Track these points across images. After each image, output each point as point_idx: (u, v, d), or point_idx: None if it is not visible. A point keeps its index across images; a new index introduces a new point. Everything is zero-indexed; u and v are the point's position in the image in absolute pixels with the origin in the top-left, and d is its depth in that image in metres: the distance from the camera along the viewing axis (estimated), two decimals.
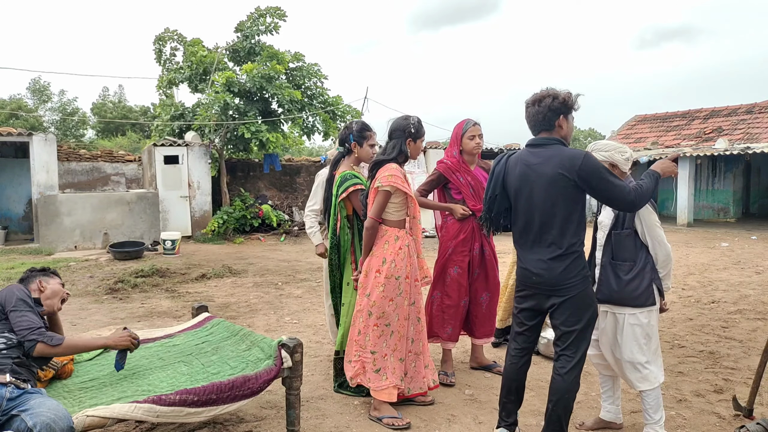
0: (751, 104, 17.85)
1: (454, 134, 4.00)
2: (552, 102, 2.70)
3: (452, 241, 3.94)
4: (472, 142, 3.92)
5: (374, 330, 3.27)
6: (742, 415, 3.32)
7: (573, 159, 2.61)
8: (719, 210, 17.31)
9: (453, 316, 3.94)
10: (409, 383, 3.41)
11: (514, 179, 2.79)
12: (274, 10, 13.72)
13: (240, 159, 15.17)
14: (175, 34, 14.20)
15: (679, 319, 5.64)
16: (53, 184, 11.25)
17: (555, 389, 2.72)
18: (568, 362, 2.71)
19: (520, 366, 2.91)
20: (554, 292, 2.71)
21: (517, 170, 2.78)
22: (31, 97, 30.20)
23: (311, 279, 8.02)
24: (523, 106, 2.85)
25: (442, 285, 3.95)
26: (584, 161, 2.59)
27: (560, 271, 2.68)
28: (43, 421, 2.17)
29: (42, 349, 2.61)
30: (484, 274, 3.99)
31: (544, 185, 2.67)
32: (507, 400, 2.95)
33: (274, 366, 2.88)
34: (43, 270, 3.03)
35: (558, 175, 2.63)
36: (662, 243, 2.90)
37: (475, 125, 3.95)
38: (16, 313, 2.65)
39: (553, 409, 2.73)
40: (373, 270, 3.29)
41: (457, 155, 3.97)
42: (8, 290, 2.75)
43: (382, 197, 3.28)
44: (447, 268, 3.94)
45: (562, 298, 2.69)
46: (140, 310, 6.21)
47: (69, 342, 2.72)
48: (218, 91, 12.64)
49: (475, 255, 3.95)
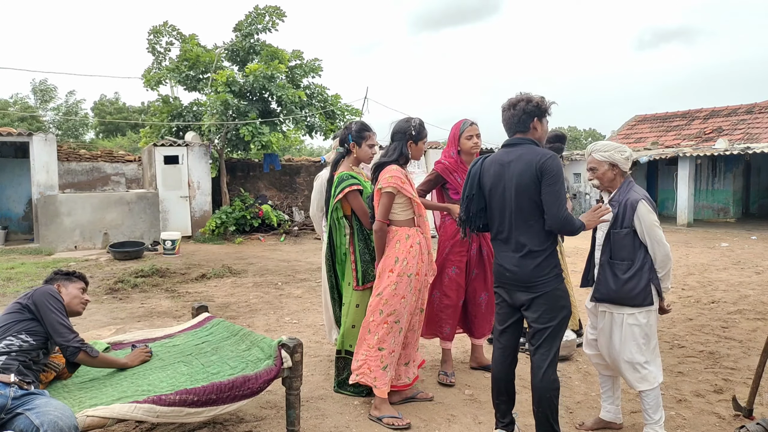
0: (751, 104, 17.85)
1: (452, 134, 4.01)
2: (526, 105, 2.79)
3: (450, 241, 3.95)
4: (469, 142, 3.92)
5: (384, 327, 3.29)
6: (742, 415, 3.32)
7: (538, 155, 2.71)
8: (719, 210, 17.31)
9: (451, 316, 3.96)
10: (407, 373, 3.51)
11: (489, 178, 2.86)
12: (273, 9, 13.71)
13: (240, 159, 15.18)
14: (174, 30, 14.07)
15: (679, 319, 5.64)
16: (53, 184, 11.25)
17: (536, 389, 2.76)
18: (543, 360, 2.74)
19: (507, 365, 2.92)
20: (527, 288, 2.75)
21: (491, 170, 2.85)
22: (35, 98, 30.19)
23: (311, 279, 8.02)
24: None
25: (440, 285, 3.95)
26: (548, 159, 2.68)
27: (532, 268, 2.73)
28: (50, 419, 2.19)
29: (82, 357, 2.74)
30: (483, 274, 3.99)
31: (515, 182, 2.73)
32: (499, 400, 2.96)
33: (274, 366, 2.88)
34: (68, 274, 3.03)
35: (525, 171, 2.70)
36: (661, 243, 2.89)
37: (473, 125, 3.95)
38: (56, 315, 2.70)
39: (538, 409, 2.76)
40: (387, 270, 3.33)
41: (455, 155, 3.98)
42: (41, 291, 2.77)
43: (386, 199, 3.31)
44: (445, 268, 3.94)
45: (535, 295, 2.74)
46: (140, 310, 6.21)
47: (102, 356, 2.87)
48: (219, 90, 12.64)
49: (473, 255, 3.95)
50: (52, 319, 2.68)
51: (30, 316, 2.69)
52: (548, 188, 2.66)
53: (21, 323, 2.66)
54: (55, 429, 2.16)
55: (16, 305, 2.74)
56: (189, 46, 13.65)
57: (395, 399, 3.51)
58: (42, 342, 2.69)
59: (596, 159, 3.03)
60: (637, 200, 2.90)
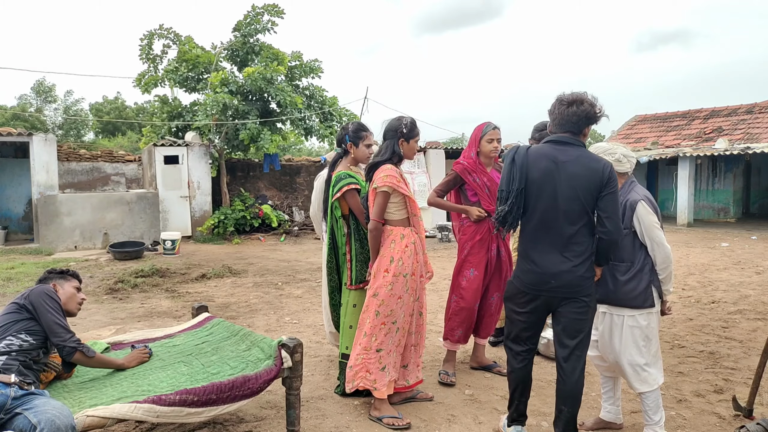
0: (751, 104, 17.84)
1: (473, 136, 4.03)
2: (590, 109, 2.70)
3: (469, 243, 3.94)
4: (490, 146, 3.94)
5: (381, 329, 3.28)
6: (742, 415, 3.32)
7: (602, 162, 2.67)
8: (719, 210, 17.31)
9: (466, 319, 3.95)
10: (408, 375, 3.49)
11: (537, 173, 2.70)
12: (271, 8, 13.69)
13: (240, 159, 15.17)
14: (170, 32, 13.86)
15: (679, 319, 5.63)
16: (53, 184, 11.25)
17: (569, 391, 2.72)
18: (578, 362, 2.72)
19: (529, 369, 2.92)
20: (573, 293, 2.68)
21: (541, 164, 2.70)
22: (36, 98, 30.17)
23: (311, 279, 8.01)
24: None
25: (458, 288, 3.96)
26: (612, 169, 2.67)
27: (581, 273, 2.67)
28: (47, 418, 2.19)
29: (78, 357, 2.73)
30: (499, 275, 4.01)
31: (572, 184, 2.64)
32: (520, 401, 2.95)
33: (274, 366, 2.88)
34: (62, 272, 3.02)
35: (588, 176, 2.63)
36: (661, 244, 2.88)
37: (495, 129, 3.98)
38: (53, 315, 2.69)
39: (570, 409, 2.73)
40: (382, 270, 3.31)
41: (474, 156, 3.99)
42: (38, 290, 2.77)
43: (382, 198, 3.29)
44: (463, 270, 3.94)
45: (582, 300, 2.69)
46: (140, 310, 6.21)
47: (98, 357, 2.86)
48: (217, 91, 12.62)
49: (492, 256, 3.95)
50: (49, 318, 2.68)
51: (28, 316, 2.68)
52: (611, 197, 2.63)
53: (20, 323, 2.66)
54: (53, 427, 2.17)
55: (13, 305, 2.73)
56: (187, 47, 13.59)
57: (395, 399, 3.50)
58: (41, 341, 2.69)
59: None
60: (636, 201, 2.89)
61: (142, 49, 13.81)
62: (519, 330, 2.87)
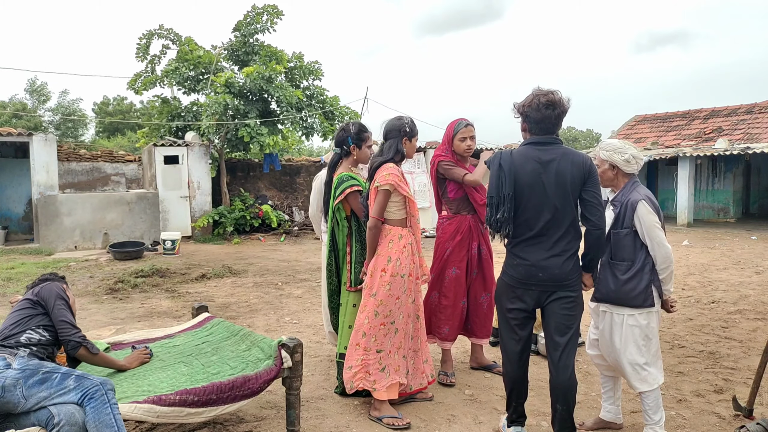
0: (751, 104, 17.85)
1: (446, 134, 3.93)
2: (566, 108, 2.81)
3: (449, 243, 3.89)
4: (463, 144, 3.83)
5: (380, 329, 3.27)
6: (742, 415, 3.32)
7: (582, 156, 2.77)
8: (719, 210, 17.31)
9: (450, 317, 3.91)
10: (411, 380, 3.46)
11: (525, 176, 2.75)
12: (271, 8, 13.74)
13: (240, 159, 15.17)
14: (170, 32, 13.87)
15: (679, 319, 5.63)
16: (53, 184, 11.25)
17: (562, 387, 2.74)
18: (569, 358, 2.75)
19: (525, 368, 2.93)
20: (561, 287, 2.74)
21: (527, 167, 2.76)
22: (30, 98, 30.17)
23: (311, 279, 8.02)
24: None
25: (440, 285, 3.92)
26: (592, 163, 2.77)
27: (570, 267, 2.73)
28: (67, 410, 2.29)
29: (83, 353, 2.75)
30: (482, 274, 3.97)
31: (560, 180, 2.70)
32: (518, 403, 2.96)
33: (274, 366, 2.88)
34: (62, 278, 3.04)
35: (573, 171, 2.70)
36: (661, 244, 2.88)
37: (468, 126, 3.85)
38: (63, 312, 2.75)
39: (563, 407, 2.75)
40: (379, 269, 3.30)
41: (448, 154, 3.89)
42: (49, 287, 2.82)
43: (383, 196, 3.29)
44: (445, 269, 3.90)
45: (570, 294, 2.74)
46: (140, 310, 6.21)
47: (102, 355, 2.88)
48: (218, 92, 12.62)
49: (473, 254, 3.92)
50: (59, 314, 2.73)
51: (42, 311, 2.75)
52: (593, 190, 2.72)
53: (36, 318, 2.72)
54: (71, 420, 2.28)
55: (26, 301, 2.78)
56: (188, 48, 13.59)
57: (395, 399, 3.50)
58: (55, 338, 2.75)
59: (600, 157, 3.05)
60: (637, 200, 2.90)
61: (140, 48, 13.79)
62: (510, 330, 2.90)
